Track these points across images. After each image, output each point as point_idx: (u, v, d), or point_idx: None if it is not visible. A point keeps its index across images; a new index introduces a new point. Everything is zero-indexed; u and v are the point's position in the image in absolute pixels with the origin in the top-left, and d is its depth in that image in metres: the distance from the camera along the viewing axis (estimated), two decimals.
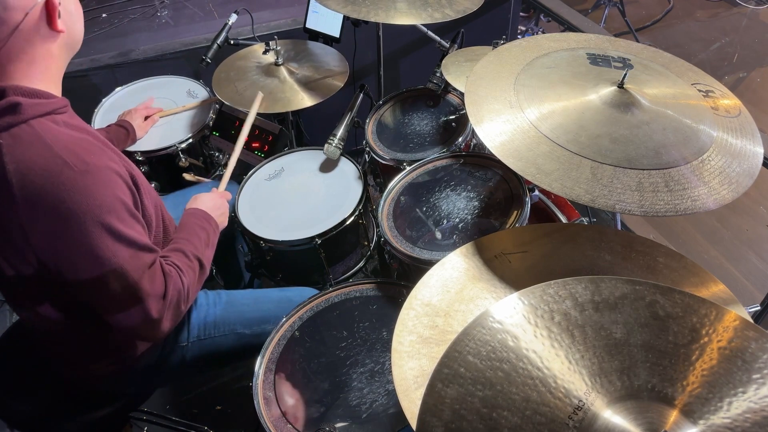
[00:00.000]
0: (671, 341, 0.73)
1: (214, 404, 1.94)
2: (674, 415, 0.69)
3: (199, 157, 2.01)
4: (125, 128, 1.78)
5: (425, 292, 1.09)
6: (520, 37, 1.87)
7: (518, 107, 1.15)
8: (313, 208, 1.64)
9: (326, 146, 1.71)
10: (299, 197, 1.68)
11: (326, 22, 2.13)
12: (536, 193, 1.57)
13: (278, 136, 1.90)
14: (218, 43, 1.98)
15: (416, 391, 0.93)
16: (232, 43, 2.03)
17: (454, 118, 1.81)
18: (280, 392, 1.19)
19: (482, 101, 1.17)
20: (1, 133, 0.94)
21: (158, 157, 1.88)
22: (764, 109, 3.40)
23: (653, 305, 0.76)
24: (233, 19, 2.02)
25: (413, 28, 1.91)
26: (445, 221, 1.44)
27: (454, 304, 1.06)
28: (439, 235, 1.41)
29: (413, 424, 0.88)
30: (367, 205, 1.67)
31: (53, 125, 0.98)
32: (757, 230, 2.59)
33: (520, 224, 1.35)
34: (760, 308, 1.87)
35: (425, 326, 1.03)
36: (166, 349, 1.31)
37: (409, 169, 1.61)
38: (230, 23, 2.01)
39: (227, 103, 1.85)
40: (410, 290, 1.09)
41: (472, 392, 0.70)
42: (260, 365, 1.23)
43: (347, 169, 1.75)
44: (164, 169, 1.93)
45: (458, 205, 1.47)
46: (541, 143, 1.08)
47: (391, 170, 1.73)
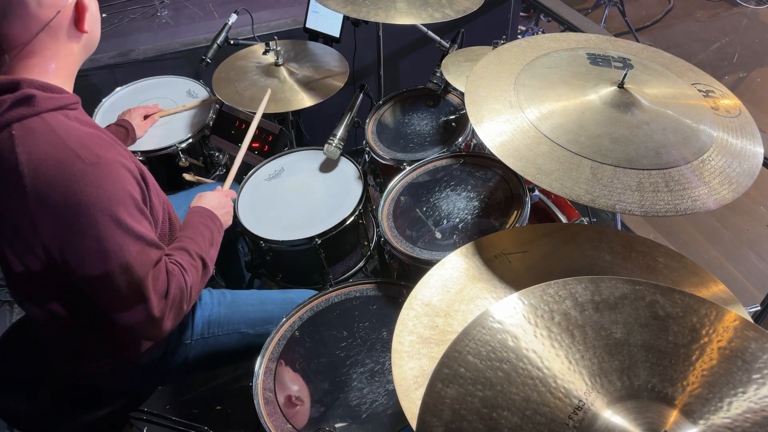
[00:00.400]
0: (671, 341, 0.73)
1: (214, 404, 1.94)
2: (674, 415, 0.69)
3: (199, 157, 2.01)
4: (124, 127, 1.78)
5: (425, 292, 1.09)
6: (520, 37, 1.87)
7: (518, 107, 1.15)
8: (313, 208, 1.64)
9: (326, 146, 1.71)
10: (299, 197, 1.68)
11: (326, 22, 2.13)
12: (536, 193, 1.57)
13: (278, 136, 1.90)
14: (218, 43, 1.98)
15: (416, 391, 0.93)
16: (232, 43, 2.03)
17: (454, 118, 1.81)
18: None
19: (482, 101, 1.17)
20: (14, 124, 0.95)
21: (158, 156, 1.88)
22: (764, 109, 3.40)
23: (653, 305, 0.76)
24: (233, 19, 2.02)
25: (413, 28, 1.91)
26: (445, 221, 1.44)
27: (454, 304, 1.06)
28: (439, 235, 1.41)
29: (413, 424, 0.88)
30: (367, 205, 1.67)
31: (65, 119, 0.99)
32: (757, 230, 2.59)
33: (520, 224, 1.35)
34: (760, 308, 1.87)
35: (425, 326, 1.03)
36: (170, 346, 1.31)
37: (409, 169, 1.61)
38: (230, 23, 2.01)
39: (227, 102, 1.85)
40: (410, 290, 1.09)
41: (472, 392, 0.70)
42: (260, 365, 1.23)
43: (347, 169, 1.75)
44: (164, 169, 1.93)
45: (458, 205, 1.47)
46: (541, 143, 1.08)
47: (391, 170, 1.73)
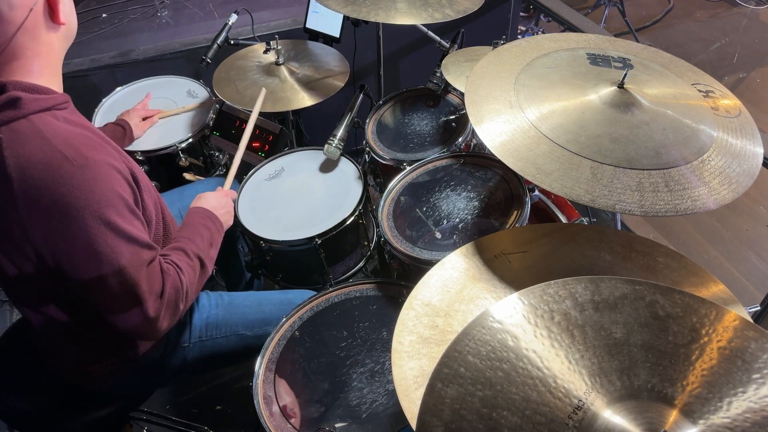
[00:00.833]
0: (671, 341, 0.73)
1: (214, 404, 1.94)
2: (674, 414, 0.69)
3: (199, 156, 2.01)
4: (122, 127, 1.78)
5: (425, 292, 1.09)
6: (520, 37, 1.87)
7: (518, 107, 1.15)
8: (313, 208, 1.64)
9: (326, 146, 1.71)
10: (299, 197, 1.68)
11: (326, 22, 2.13)
12: (536, 193, 1.57)
13: (278, 136, 1.90)
14: (218, 43, 1.98)
15: (416, 391, 0.93)
16: (232, 43, 2.03)
17: (454, 118, 1.81)
18: (280, 392, 1.19)
19: (482, 101, 1.17)
20: (0, 127, 0.94)
21: (158, 156, 1.88)
22: (764, 109, 3.40)
23: (653, 305, 0.76)
24: (233, 19, 2.02)
25: (413, 28, 1.91)
26: (445, 221, 1.43)
27: (454, 304, 1.06)
28: (439, 235, 1.41)
29: (413, 424, 0.88)
30: (367, 205, 1.67)
31: (53, 120, 0.97)
32: (757, 230, 2.59)
33: (520, 224, 1.35)
34: (760, 308, 1.87)
35: (425, 326, 1.03)
36: (168, 349, 1.31)
37: (409, 169, 1.61)
38: (230, 23, 2.01)
39: (228, 102, 1.85)
40: (410, 290, 1.09)
41: (472, 392, 0.70)
42: (260, 365, 1.23)
43: (347, 169, 1.75)
44: (164, 168, 1.93)
45: (458, 205, 1.47)
46: (541, 143, 1.07)
47: (391, 170, 1.73)
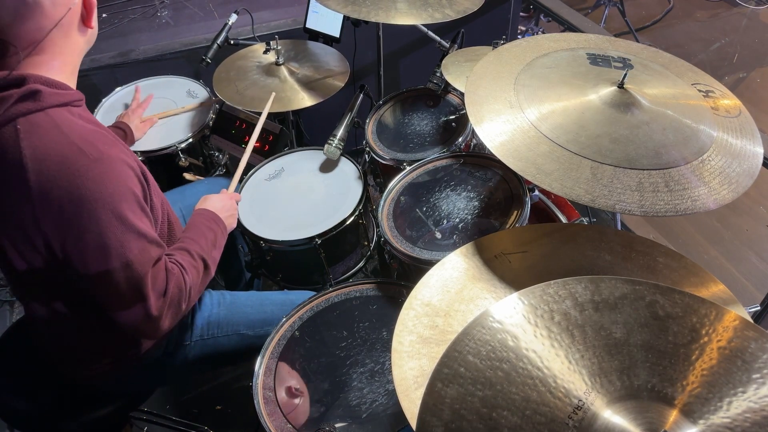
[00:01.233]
0: (671, 341, 0.73)
1: (214, 404, 1.94)
2: (674, 414, 0.69)
3: (199, 156, 2.01)
4: (122, 130, 1.78)
5: (425, 292, 1.09)
6: (520, 37, 1.87)
7: (518, 107, 1.15)
8: (313, 208, 1.64)
9: (326, 146, 1.71)
10: (299, 197, 1.68)
11: (326, 22, 2.13)
12: (536, 193, 1.57)
13: (278, 135, 1.90)
14: (218, 43, 1.98)
15: (416, 391, 0.93)
16: (232, 43, 2.03)
17: (454, 118, 1.81)
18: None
19: (482, 101, 1.17)
20: (19, 118, 0.96)
21: (158, 156, 1.87)
22: (764, 109, 3.40)
23: (653, 305, 0.76)
24: (233, 19, 2.02)
25: (413, 28, 1.91)
26: (445, 221, 1.44)
27: (454, 304, 1.06)
28: (439, 235, 1.41)
29: (413, 424, 0.88)
30: (367, 205, 1.67)
31: (69, 115, 1.00)
32: (757, 230, 2.59)
33: (520, 224, 1.35)
34: (760, 308, 1.87)
35: (425, 326, 1.03)
36: (169, 347, 1.31)
37: (409, 169, 1.61)
38: (230, 23, 2.01)
39: (228, 102, 1.85)
40: (410, 290, 1.09)
41: (472, 392, 0.70)
42: (260, 365, 1.23)
43: (347, 169, 1.75)
44: (164, 168, 1.93)
45: (458, 205, 1.47)
46: (541, 143, 1.08)
47: (391, 170, 1.73)
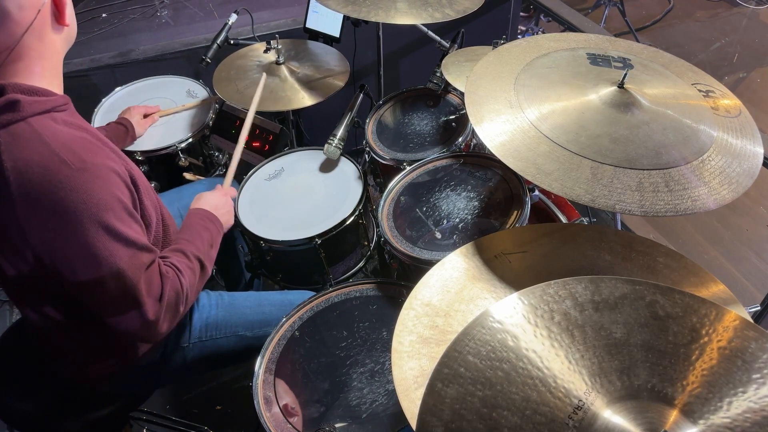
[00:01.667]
0: (671, 341, 0.73)
1: (214, 404, 1.94)
2: (674, 415, 0.69)
3: (199, 156, 2.01)
4: (124, 126, 1.78)
5: (425, 292, 1.09)
6: (520, 37, 1.87)
7: (518, 107, 1.15)
8: (313, 208, 1.64)
9: (326, 146, 1.71)
10: (299, 197, 1.68)
11: (326, 22, 2.13)
12: (536, 193, 1.57)
13: (278, 135, 1.90)
14: (218, 43, 1.98)
15: (416, 391, 0.93)
16: (232, 43, 2.03)
17: (454, 118, 1.81)
18: (279, 392, 1.19)
19: (482, 101, 1.17)
20: None
21: (158, 156, 1.88)
22: (764, 109, 3.40)
23: (653, 305, 0.76)
24: (233, 19, 2.02)
25: (413, 28, 1.91)
26: (445, 221, 1.43)
27: (454, 304, 1.06)
28: (439, 235, 1.41)
29: (413, 424, 0.88)
30: (367, 205, 1.67)
31: (52, 123, 0.97)
32: (757, 230, 2.59)
33: (520, 224, 1.35)
34: (760, 308, 1.87)
35: (425, 326, 1.03)
36: (167, 349, 1.31)
37: (409, 169, 1.61)
38: (230, 23, 2.01)
39: (228, 101, 1.85)
40: (410, 290, 1.09)
41: (472, 392, 0.70)
42: (260, 365, 1.23)
43: (347, 169, 1.75)
44: (164, 168, 1.93)
45: (458, 205, 1.47)
46: (541, 143, 1.07)
47: (391, 170, 1.73)
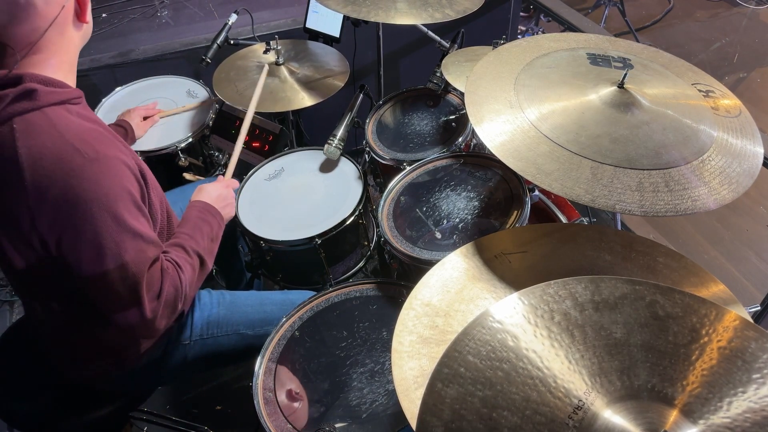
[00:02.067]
0: (671, 341, 0.73)
1: (214, 404, 1.94)
2: (674, 415, 0.69)
3: (198, 156, 2.01)
4: (123, 128, 1.78)
5: (425, 292, 1.09)
6: (520, 37, 1.87)
7: (518, 107, 1.15)
8: (313, 208, 1.64)
9: (326, 146, 1.71)
10: (299, 197, 1.68)
11: (326, 22, 2.13)
12: (536, 193, 1.57)
13: (278, 135, 1.90)
14: (218, 43, 1.98)
15: (416, 391, 0.93)
16: (232, 43, 2.03)
17: (454, 118, 1.81)
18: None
19: (482, 101, 1.17)
20: (15, 118, 0.96)
21: (158, 156, 1.88)
22: (764, 109, 3.40)
23: (653, 305, 0.76)
24: (233, 19, 2.02)
25: (413, 28, 1.91)
26: (445, 221, 1.43)
27: (454, 304, 1.06)
28: (439, 235, 1.41)
29: (413, 424, 0.88)
30: (367, 205, 1.67)
31: (66, 114, 0.99)
32: (757, 230, 2.59)
33: (520, 224, 1.35)
34: (760, 308, 1.87)
35: (425, 326, 1.03)
36: (168, 347, 1.31)
37: (409, 169, 1.61)
38: (230, 23, 2.01)
39: (228, 102, 1.85)
40: (410, 290, 1.09)
41: (472, 392, 0.70)
42: (260, 365, 1.23)
43: (347, 169, 1.75)
44: (164, 168, 1.93)
45: (458, 205, 1.47)
46: (541, 143, 1.07)
47: (391, 170, 1.73)
